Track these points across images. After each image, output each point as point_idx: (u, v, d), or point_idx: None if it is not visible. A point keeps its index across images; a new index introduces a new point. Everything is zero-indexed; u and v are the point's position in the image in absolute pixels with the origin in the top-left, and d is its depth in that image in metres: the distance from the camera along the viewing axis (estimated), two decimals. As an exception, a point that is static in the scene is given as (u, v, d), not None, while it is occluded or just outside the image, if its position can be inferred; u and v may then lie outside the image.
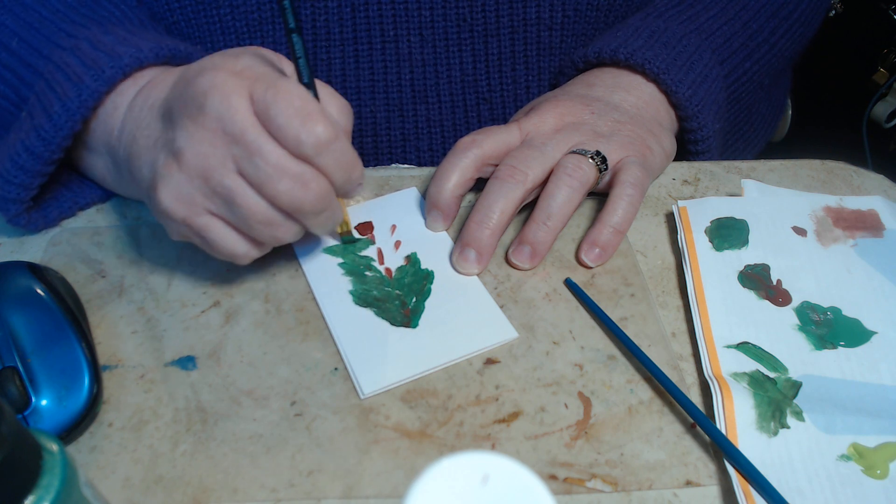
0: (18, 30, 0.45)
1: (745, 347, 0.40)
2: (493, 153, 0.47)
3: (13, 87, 0.45)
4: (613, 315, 0.42)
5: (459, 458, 0.22)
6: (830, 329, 0.41)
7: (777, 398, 0.38)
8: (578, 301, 0.44)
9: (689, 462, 0.36)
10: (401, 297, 0.43)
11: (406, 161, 0.60)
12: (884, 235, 0.46)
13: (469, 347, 0.41)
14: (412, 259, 0.46)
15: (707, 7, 0.56)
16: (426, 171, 0.52)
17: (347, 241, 0.46)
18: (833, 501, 0.34)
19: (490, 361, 0.40)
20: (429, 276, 0.45)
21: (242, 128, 0.35)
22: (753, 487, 0.34)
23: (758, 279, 0.44)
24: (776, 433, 0.36)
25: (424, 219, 0.48)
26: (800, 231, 0.46)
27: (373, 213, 0.48)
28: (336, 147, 0.36)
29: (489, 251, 0.44)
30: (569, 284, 0.44)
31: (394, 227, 0.48)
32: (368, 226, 0.47)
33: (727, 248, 0.45)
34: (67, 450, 0.26)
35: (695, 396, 0.39)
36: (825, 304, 0.43)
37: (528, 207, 0.46)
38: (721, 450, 0.36)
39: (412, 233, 0.47)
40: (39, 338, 0.37)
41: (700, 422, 0.37)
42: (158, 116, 0.40)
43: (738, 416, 0.36)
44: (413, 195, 0.50)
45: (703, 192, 0.51)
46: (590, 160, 0.45)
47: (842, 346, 0.41)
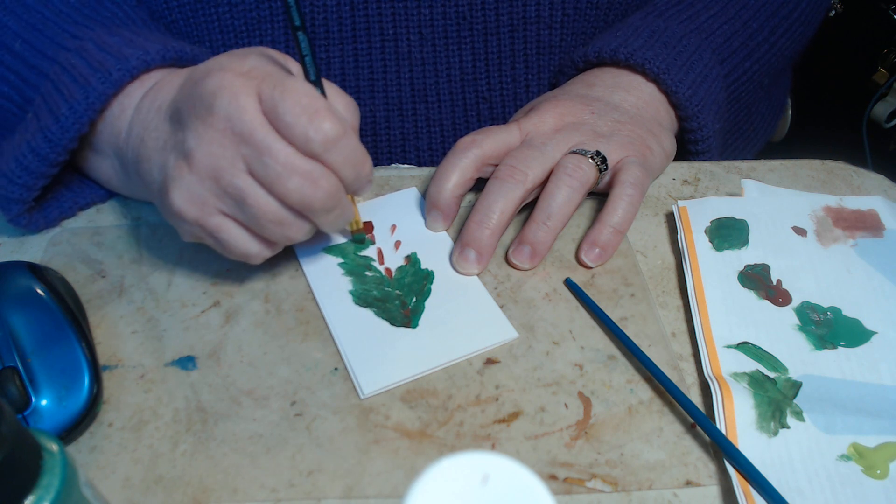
0: (21, 31, 0.45)
1: (745, 347, 0.40)
2: (493, 153, 0.46)
3: (17, 89, 0.45)
4: (613, 315, 0.42)
5: (459, 458, 0.22)
6: (830, 329, 0.41)
7: (777, 398, 0.38)
8: (578, 301, 0.44)
9: (689, 462, 0.36)
10: (401, 297, 0.43)
11: (406, 160, 0.60)
12: (884, 235, 0.46)
13: (469, 347, 0.41)
14: (412, 259, 0.46)
15: (707, 6, 0.56)
16: (426, 171, 0.52)
17: (359, 240, 0.46)
18: (833, 501, 0.34)
19: (490, 361, 0.40)
20: (429, 276, 0.45)
21: (251, 127, 0.36)
22: (753, 487, 0.34)
23: (758, 279, 0.44)
24: (776, 433, 0.36)
25: (424, 219, 0.48)
26: (800, 231, 0.46)
27: (373, 213, 0.48)
28: (344, 143, 0.36)
29: (489, 251, 0.44)
30: (569, 284, 0.44)
31: (394, 227, 0.48)
32: (368, 226, 0.47)
33: (727, 248, 0.45)
34: (67, 450, 0.26)
35: (695, 396, 0.39)
36: (825, 304, 0.43)
37: (528, 207, 0.46)
38: (721, 450, 0.36)
39: (412, 233, 0.47)
40: (39, 338, 0.37)
41: (700, 422, 0.37)
42: (167, 118, 0.40)
43: (738, 416, 0.36)
44: (413, 195, 0.50)
45: (703, 192, 0.51)
46: (590, 160, 0.45)
47: (842, 346, 0.41)
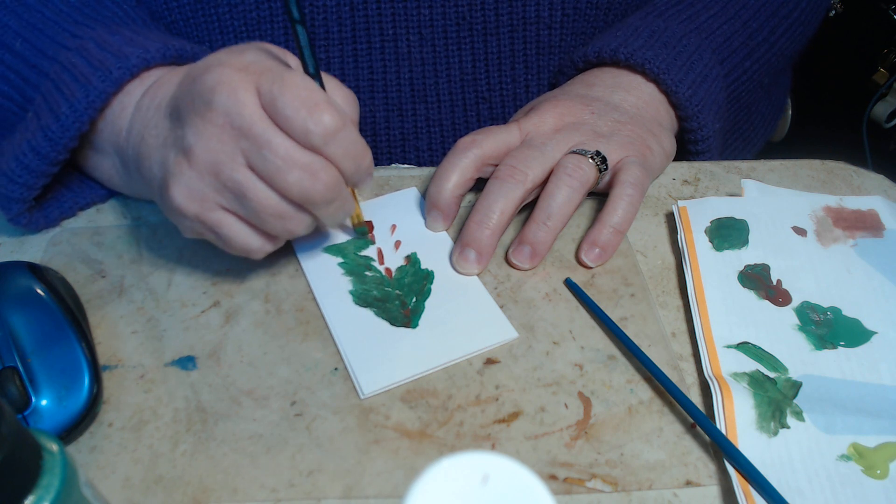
0: (21, 31, 0.45)
1: (745, 347, 0.40)
2: (493, 153, 0.46)
3: (17, 89, 0.45)
4: (613, 315, 0.42)
5: (459, 458, 0.22)
6: (830, 329, 0.41)
7: (777, 398, 0.38)
8: (578, 301, 0.44)
9: (689, 462, 0.36)
10: (401, 297, 0.43)
11: (405, 160, 0.60)
12: (884, 235, 0.46)
13: (469, 347, 0.41)
14: (412, 259, 0.46)
15: (707, 6, 0.56)
16: (426, 171, 0.52)
17: (361, 234, 0.46)
18: (833, 501, 0.34)
19: (490, 361, 0.40)
20: (429, 276, 0.45)
21: (250, 121, 0.36)
22: (753, 487, 0.34)
23: (758, 279, 0.44)
24: (776, 433, 0.36)
25: (424, 219, 0.48)
26: (800, 231, 0.46)
27: (373, 213, 0.48)
28: (344, 136, 0.36)
29: (489, 251, 0.44)
30: (569, 284, 0.44)
31: (394, 227, 0.48)
32: (368, 226, 0.47)
33: (727, 248, 0.45)
34: (67, 450, 0.26)
35: (695, 396, 0.39)
36: (825, 304, 0.43)
37: (528, 207, 0.46)
38: (721, 450, 0.36)
39: (412, 233, 0.47)
40: (39, 338, 0.37)
41: (700, 422, 0.37)
42: (166, 115, 0.40)
43: (738, 416, 0.36)
44: (413, 195, 0.50)
45: (703, 192, 0.51)
46: (590, 160, 0.45)
47: (842, 346, 0.41)
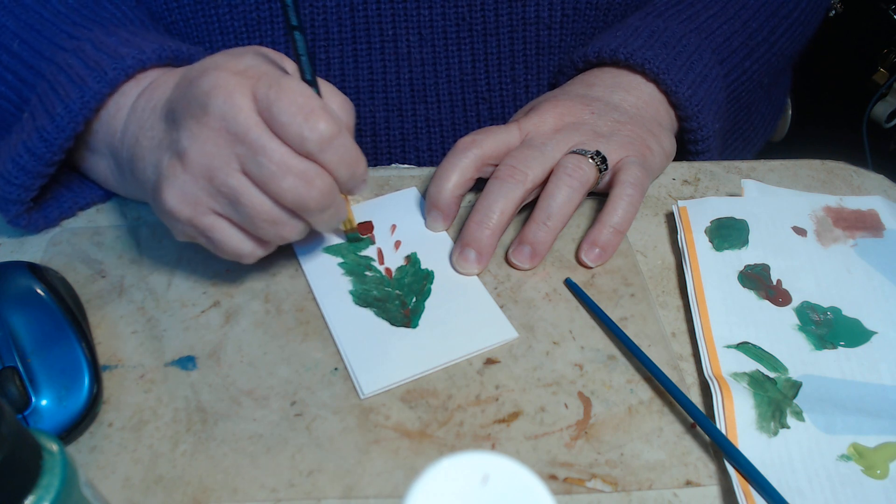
0: (19, 31, 0.45)
1: (745, 347, 0.40)
2: (493, 153, 0.46)
3: (15, 89, 0.45)
4: (613, 315, 0.42)
5: (459, 458, 0.22)
6: (830, 329, 0.41)
7: (777, 398, 0.38)
8: (578, 301, 0.44)
9: (689, 462, 0.36)
10: (401, 297, 0.43)
11: (406, 161, 0.60)
12: (884, 235, 0.46)
13: (469, 347, 0.41)
14: (412, 259, 0.46)
15: (707, 6, 0.56)
16: (426, 171, 0.52)
17: (353, 239, 0.46)
18: (833, 501, 0.34)
19: (490, 361, 0.40)
20: (429, 276, 0.45)
21: (246, 126, 0.35)
22: (753, 487, 0.34)
23: (758, 279, 0.44)
24: (776, 433, 0.36)
25: (424, 219, 0.48)
26: (800, 231, 0.46)
27: (373, 213, 0.48)
28: (339, 143, 0.36)
29: (489, 251, 0.44)
30: (569, 284, 0.44)
31: (394, 227, 0.48)
32: (368, 226, 0.47)
33: (727, 248, 0.45)
34: (67, 450, 0.26)
35: (695, 396, 0.39)
36: (825, 304, 0.43)
37: (528, 207, 0.46)
38: (721, 450, 0.36)
39: (412, 233, 0.47)
40: (39, 338, 0.37)
41: (700, 422, 0.37)
42: (161, 117, 0.40)
43: (738, 416, 0.36)
44: (413, 195, 0.50)
45: (703, 192, 0.51)
46: (590, 160, 0.45)
47: (842, 346, 0.41)
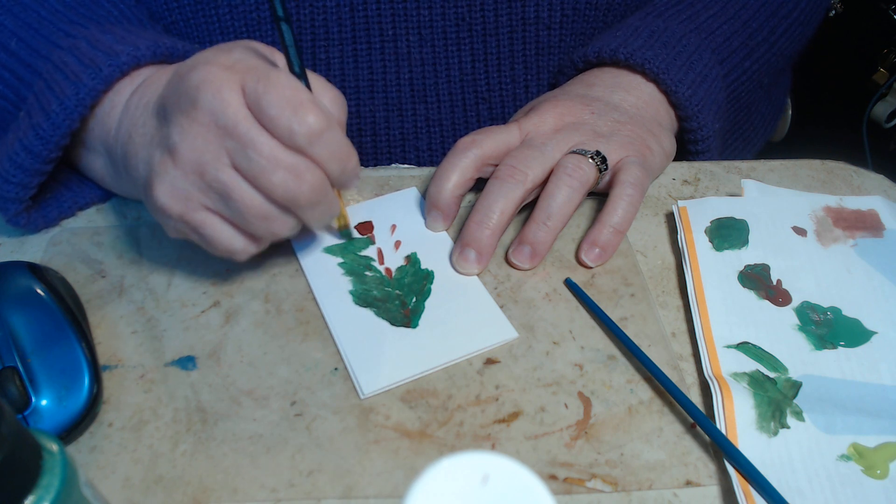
0: (17, 30, 0.45)
1: (745, 347, 0.40)
2: (493, 153, 0.46)
3: (12, 88, 0.45)
4: (613, 315, 0.42)
5: (459, 458, 0.22)
6: (830, 329, 0.41)
7: (777, 398, 0.38)
8: (578, 301, 0.44)
9: (689, 462, 0.36)
10: (401, 297, 0.43)
11: (405, 161, 0.60)
12: (884, 235, 0.46)
13: (469, 347, 0.41)
14: (412, 259, 0.46)
15: (707, 6, 0.56)
16: (426, 171, 0.52)
17: (346, 236, 0.46)
18: (833, 501, 0.34)
19: (490, 361, 0.40)
20: (429, 276, 0.44)
21: (235, 120, 0.35)
22: (753, 487, 0.34)
23: (758, 279, 0.44)
24: (776, 433, 0.36)
25: (424, 219, 0.48)
26: (800, 231, 0.46)
27: (373, 213, 0.48)
28: (329, 137, 0.36)
29: (489, 251, 0.44)
30: (569, 284, 0.44)
31: (394, 227, 0.48)
32: (368, 225, 0.47)
33: (727, 248, 0.45)
34: (67, 450, 0.26)
35: (695, 396, 0.39)
36: (825, 304, 0.43)
37: (528, 207, 0.46)
38: (721, 450, 0.36)
39: (412, 233, 0.47)
40: (39, 338, 0.37)
41: (700, 422, 0.37)
42: (153, 114, 0.40)
43: (738, 416, 0.36)
44: (413, 195, 0.50)
45: (703, 192, 0.51)
46: (590, 160, 0.45)
47: (842, 346, 0.41)
